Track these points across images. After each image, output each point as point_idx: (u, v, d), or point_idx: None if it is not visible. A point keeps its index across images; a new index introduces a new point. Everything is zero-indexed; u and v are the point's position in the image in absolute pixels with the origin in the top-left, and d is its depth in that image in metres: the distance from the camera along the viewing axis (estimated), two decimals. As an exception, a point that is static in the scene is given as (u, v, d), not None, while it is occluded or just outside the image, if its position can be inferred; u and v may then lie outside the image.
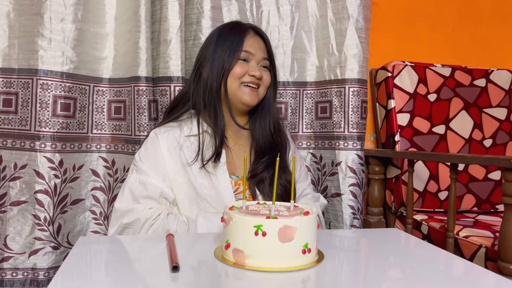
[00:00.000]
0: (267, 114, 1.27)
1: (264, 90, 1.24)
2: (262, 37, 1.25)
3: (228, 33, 1.22)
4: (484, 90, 1.88)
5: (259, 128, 1.25)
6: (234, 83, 1.19)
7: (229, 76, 1.18)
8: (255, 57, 1.21)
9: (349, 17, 1.58)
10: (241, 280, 0.71)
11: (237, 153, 1.24)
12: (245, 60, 1.20)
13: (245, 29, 1.23)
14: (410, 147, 1.76)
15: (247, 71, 1.19)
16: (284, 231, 0.72)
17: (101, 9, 1.50)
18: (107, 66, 1.52)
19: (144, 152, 1.16)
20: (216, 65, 1.18)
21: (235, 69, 1.18)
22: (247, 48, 1.20)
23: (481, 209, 1.77)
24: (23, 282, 1.41)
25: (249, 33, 1.23)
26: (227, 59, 1.18)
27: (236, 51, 1.18)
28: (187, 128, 1.18)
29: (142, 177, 1.12)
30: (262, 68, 1.23)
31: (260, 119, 1.26)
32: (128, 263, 0.80)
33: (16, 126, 1.41)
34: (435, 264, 0.84)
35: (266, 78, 1.23)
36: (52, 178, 1.40)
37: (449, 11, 2.03)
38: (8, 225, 1.40)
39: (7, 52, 1.41)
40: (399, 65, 1.82)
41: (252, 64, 1.20)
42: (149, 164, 1.13)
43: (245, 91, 1.19)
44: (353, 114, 1.58)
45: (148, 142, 1.17)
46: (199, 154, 1.14)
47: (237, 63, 1.18)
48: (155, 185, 1.11)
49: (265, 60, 1.23)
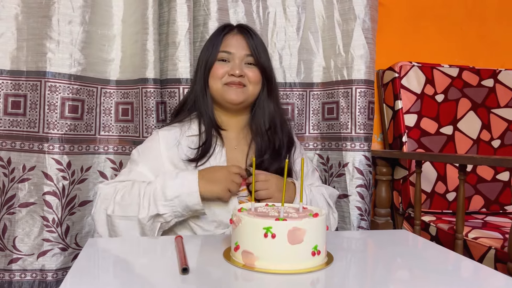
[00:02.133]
0: (261, 111, 1.25)
1: (254, 87, 1.22)
2: (245, 35, 1.23)
3: (213, 35, 1.25)
4: (492, 90, 1.87)
5: (255, 127, 1.25)
6: (216, 84, 1.20)
7: (210, 78, 1.20)
8: (236, 55, 1.19)
9: (356, 18, 1.58)
10: (250, 282, 0.71)
11: (240, 152, 1.23)
12: (225, 61, 1.20)
13: (227, 29, 1.24)
14: (417, 148, 1.75)
15: (227, 71, 1.19)
16: (293, 233, 0.72)
17: (108, 11, 1.51)
18: (114, 68, 1.53)
19: (141, 146, 1.21)
20: (201, 68, 1.22)
21: (214, 70, 1.19)
22: (225, 48, 1.20)
23: (490, 210, 1.75)
24: (31, 284, 1.42)
25: (231, 32, 1.23)
26: (208, 60, 1.20)
27: (215, 52, 1.20)
28: (187, 128, 1.20)
29: (132, 166, 1.17)
30: (246, 65, 1.21)
31: (255, 117, 1.26)
32: (137, 265, 0.81)
33: (25, 128, 1.42)
34: (444, 265, 0.83)
35: (251, 74, 1.20)
36: (60, 179, 1.41)
37: (456, 10, 2.02)
38: (16, 227, 1.41)
39: (16, 55, 1.42)
40: (406, 66, 1.81)
41: (233, 63, 1.19)
42: (142, 155, 1.17)
43: (229, 90, 1.19)
44: (360, 115, 1.58)
45: (148, 138, 1.24)
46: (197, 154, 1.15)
47: (216, 65, 1.20)
48: (140, 172, 1.14)
49: (248, 56, 1.21)
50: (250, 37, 1.22)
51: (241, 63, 1.20)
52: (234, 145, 1.23)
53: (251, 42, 1.22)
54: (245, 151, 1.23)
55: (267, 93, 1.26)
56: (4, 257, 1.41)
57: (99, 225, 1.10)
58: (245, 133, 1.27)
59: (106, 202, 1.08)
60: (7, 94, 1.42)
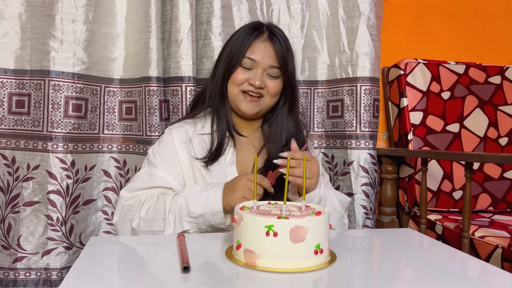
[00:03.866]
0: (279, 127, 1.21)
1: (271, 99, 1.18)
2: (275, 43, 1.15)
3: (240, 34, 1.18)
4: (499, 87, 1.85)
5: (272, 140, 1.20)
6: (233, 89, 1.16)
7: (229, 81, 1.16)
8: (260, 64, 1.14)
9: (361, 15, 1.56)
10: (252, 280, 0.70)
11: (251, 154, 1.22)
12: (248, 68, 1.15)
13: (257, 32, 1.16)
14: (423, 146, 1.73)
15: (248, 79, 1.14)
16: (295, 231, 0.71)
17: (111, 10, 1.50)
18: (118, 66, 1.53)
19: (157, 147, 1.18)
20: (222, 67, 1.17)
21: (235, 76, 1.15)
22: (251, 55, 1.14)
23: (497, 209, 1.73)
24: (36, 282, 1.42)
25: (260, 37, 1.16)
26: (231, 63, 1.15)
27: (239, 56, 1.14)
28: (200, 126, 1.19)
29: (151, 169, 1.14)
30: (268, 76, 1.16)
31: (272, 130, 1.21)
32: (139, 263, 0.80)
33: (29, 127, 1.42)
34: (450, 264, 0.82)
35: (271, 86, 1.15)
36: (64, 178, 1.41)
37: (462, 7, 1.99)
38: (21, 226, 1.41)
39: (20, 54, 1.43)
40: (411, 63, 1.80)
41: (255, 72, 1.14)
42: (160, 158, 1.15)
43: (243, 99, 1.16)
44: (365, 112, 1.57)
45: (162, 137, 1.20)
46: (210, 153, 1.14)
47: (238, 70, 1.15)
48: (162, 178, 1.12)
49: (273, 68, 1.15)
50: (279, 45, 1.15)
51: (263, 73, 1.15)
52: (244, 147, 1.22)
53: (279, 51, 1.15)
54: (255, 153, 1.21)
55: (288, 109, 1.21)
56: (9, 256, 1.42)
57: (123, 235, 1.11)
58: (256, 135, 1.25)
59: (131, 214, 1.09)
60: (11, 93, 1.43)
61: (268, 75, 1.16)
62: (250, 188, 1.00)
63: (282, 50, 1.15)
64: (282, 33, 1.19)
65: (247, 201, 0.96)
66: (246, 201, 0.96)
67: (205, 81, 1.54)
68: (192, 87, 1.46)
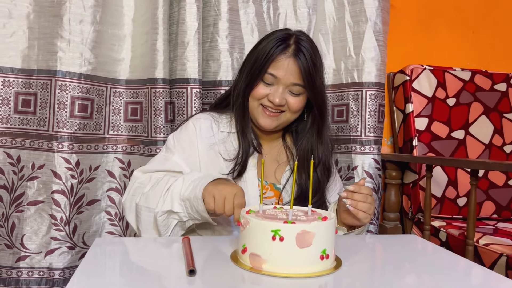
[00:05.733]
0: (308, 148, 1.18)
1: (292, 115, 1.14)
2: (299, 59, 1.08)
3: (266, 45, 1.11)
4: (505, 94, 1.84)
5: (300, 165, 1.17)
6: (253, 102, 1.14)
7: (250, 94, 1.13)
8: (282, 81, 1.10)
9: (367, 20, 1.56)
10: (257, 285, 0.70)
11: (271, 161, 1.20)
12: (269, 84, 1.11)
13: (283, 46, 1.09)
14: (428, 152, 1.73)
15: (268, 95, 1.11)
16: (302, 236, 0.71)
17: (119, 11, 1.51)
18: (124, 67, 1.53)
19: (179, 134, 1.18)
20: (245, 80, 1.14)
21: (256, 90, 1.12)
22: (273, 70, 1.09)
23: (501, 217, 1.73)
24: (38, 282, 1.42)
25: (285, 52, 1.09)
26: (252, 77, 1.12)
27: (261, 71, 1.10)
28: (225, 125, 1.18)
29: (167, 154, 1.14)
30: (290, 93, 1.11)
31: (301, 154, 1.18)
32: (144, 265, 0.80)
33: (35, 126, 1.42)
34: (453, 271, 0.82)
35: (292, 103, 1.11)
36: (68, 178, 1.41)
37: (468, 13, 1.99)
38: (25, 225, 1.41)
39: (27, 53, 1.43)
40: (417, 69, 1.80)
41: (276, 88, 1.10)
42: (178, 145, 1.14)
43: (262, 113, 1.13)
44: (370, 117, 1.56)
45: (186, 125, 1.18)
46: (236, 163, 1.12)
47: (259, 85, 1.11)
48: (176, 163, 1.11)
49: (295, 86, 1.10)
50: (305, 61, 1.09)
51: (284, 90, 1.11)
52: (265, 154, 1.20)
53: (303, 68, 1.09)
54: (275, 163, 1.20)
55: (317, 131, 1.18)
56: (12, 255, 1.42)
57: (128, 213, 1.08)
58: (276, 144, 1.23)
59: (139, 191, 1.06)
60: (18, 93, 1.43)
61: (290, 92, 1.12)
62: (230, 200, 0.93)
63: (307, 67, 1.09)
64: (310, 47, 1.11)
65: (211, 206, 0.93)
66: (211, 204, 0.93)
67: (210, 84, 1.55)
68: (198, 89, 1.46)
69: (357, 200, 0.97)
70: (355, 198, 0.97)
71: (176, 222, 1.01)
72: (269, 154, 1.22)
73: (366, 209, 0.98)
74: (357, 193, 0.98)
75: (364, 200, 0.98)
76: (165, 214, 1.00)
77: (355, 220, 1.02)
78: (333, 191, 1.25)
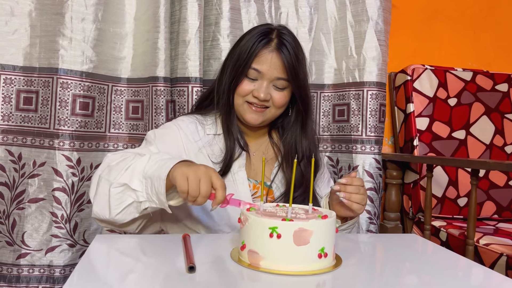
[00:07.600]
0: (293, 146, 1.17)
1: (277, 110, 1.14)
2: (283, 53, 1.08)
3: (248, 40, 1.11)
4: (506, 95, 1.84)
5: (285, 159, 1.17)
6: (238, 99, 1.12)
7: (235, 91, 1.12)
8: (266, 76, 1.09)
9: (369, 20, 1.56)
10: (255, 282, 0.70)
11: (258, 159, 1.20)
12: (254, 79, 1.10)
13: (266, 40, 1.09)
14: (429, 152, 1.73)
15: (253, 90, 1.10)
16: (299, 234, 0.71)
17: (121, 9, 1.51)
18: (125, 66, 1.53)
19: (158, 130, 1.15)
20: (229, 77, 1.13)
21: (241, 87, 1.11)
22: (257, 65, 1.09)
23: (502, 217, 1.72)
24: (39, 279, 1.43)
25: (268, 46, 1.09)
26: (236, 73, 1.11)
27: (245, 67, 1.09)
28: (210, 127, 1.16)
29: (146, 145, 1.10)
30: (274, 88, 1.11)
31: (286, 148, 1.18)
32: (144, 262, 0.80)
33: (36, 124, 1.43)
34: (454, 271, 0.82)
35: (277, 98, 1.11)
36: (69, 176, 1.42)
37: (470, 13, 1.99)
38: (26, 222, 1.42)
39: (29, 51, 1.44)
40: (418, 69, 1.79)
41: (260, 83, 1.10)
42: (158, 139, 1.10)
43: (248, 109, 1.12)
44: (371, 117, 1.56)
45: (168, 123, 1.17)
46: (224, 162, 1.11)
47: (243, 81, 1.10)
48: (150, 151, 1.04)
49: (279, 80, 1.10)
50: (288, 55, 1.08)
51: (269, 85, 1.10)
52: (253, 152, 1.20)
53: (287, 62, 1.08)
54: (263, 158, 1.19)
55: (301, 125, 1.18)
56: (13, 252, 1.42)
57: (91, 187, 0.99)
58: (263, 141, 1.23)
59: (105, 165, 0.98)
60: (19, 90, 1.43)
61: (274, 86, 1.11)
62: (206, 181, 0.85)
63: (291, 61, 1.09)
64: (292, 41, 1.12)
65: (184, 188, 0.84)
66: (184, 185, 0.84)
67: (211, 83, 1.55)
68: (199, 88, 1.46)
69: (350, 192, 0.97)
70: (348, 191, 0.97)
71: (131, 201, 0.91)
72: (257, 152, 1.21)
73: (359, 200, 0.98)
74: (349, 185, 0.98)
75: (357, 191, 0.98)
76: (121, 188, 0.91)
77: (349, 212, 1.01)
78: (322, 184, 1.25)
